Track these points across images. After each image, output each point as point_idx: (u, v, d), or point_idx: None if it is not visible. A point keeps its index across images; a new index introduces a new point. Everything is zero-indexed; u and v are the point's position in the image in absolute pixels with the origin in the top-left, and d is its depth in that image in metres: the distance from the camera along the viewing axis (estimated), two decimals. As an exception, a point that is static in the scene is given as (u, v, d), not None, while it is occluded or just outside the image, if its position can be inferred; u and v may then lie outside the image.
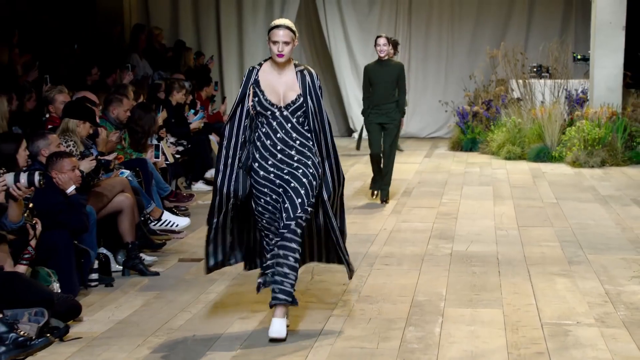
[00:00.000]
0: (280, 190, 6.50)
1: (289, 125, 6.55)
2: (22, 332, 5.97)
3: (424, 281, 8.12)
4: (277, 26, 6.53)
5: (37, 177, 6.71)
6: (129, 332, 6.75)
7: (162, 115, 11.61)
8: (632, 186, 13.24)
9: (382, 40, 11.90)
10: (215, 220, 6.70)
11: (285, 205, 6.45)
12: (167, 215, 9.42)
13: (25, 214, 6.76)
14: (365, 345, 6.39)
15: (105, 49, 15.87)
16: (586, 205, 11.76)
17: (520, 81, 17.00)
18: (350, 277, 7.02)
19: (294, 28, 6.53)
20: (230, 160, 6.58)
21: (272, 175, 6.52)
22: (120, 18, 19.09)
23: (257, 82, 6.57)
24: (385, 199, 12.02)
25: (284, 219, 6.47)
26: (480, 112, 17.45)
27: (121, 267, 8.38)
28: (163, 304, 7.50)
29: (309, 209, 6.52)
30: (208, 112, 15.01)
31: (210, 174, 13.16)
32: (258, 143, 6.57)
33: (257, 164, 6.55)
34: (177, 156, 11.95)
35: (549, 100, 16.23)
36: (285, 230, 6.45)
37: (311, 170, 6.53)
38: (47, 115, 9.96)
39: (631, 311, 7.17)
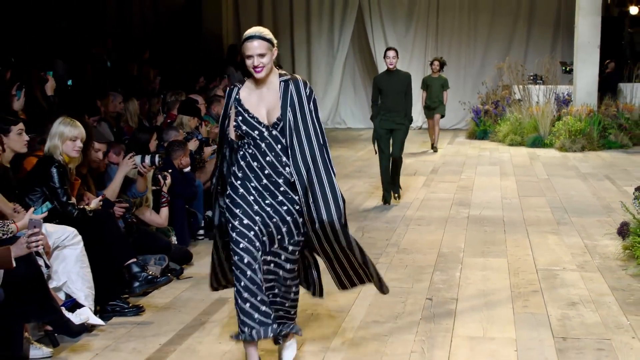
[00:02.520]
0: (257, 218, 4.38)
1: (279, 146, 4.41)
2: (150, 272, 6.04)
3: (447, 237, 8.08)
4: (250, 37, 4.37)
5: (157, 158, 6.78)
6: (228, 273, 6.79)
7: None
8: (605, 166, 13.06)
9: (391, 53, 9.93)
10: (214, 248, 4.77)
11: (264, 239, 4.41)
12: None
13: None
14: (403, 285, 6.39)
15: (208, 63, 15.97)
16: (570, 180, 11.62)
17: (521, 86, 16.81)
18: (385, 292, 4.77)
19: (269, 36, 4.40)
20: (214, 189, 4.66)
21: (251, 197, 4.40)
22: (220, 39, 19.18)
23: (238, 101, 4.46)
24: (397, 196, 10.03)
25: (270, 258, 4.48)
26: (490, 109, 17.31)
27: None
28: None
29: (291, 247, 4.49)
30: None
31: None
32: (242, 163, 4.44)
33: (238, 182, 4.43)
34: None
35: (542, 101, 16.04)
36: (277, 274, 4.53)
37: (297, 208, 4.43)
38: (166, 114, 10.06)
39: (604, 259, 7.09)
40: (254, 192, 4.42)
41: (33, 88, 7.67)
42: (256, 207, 4.41)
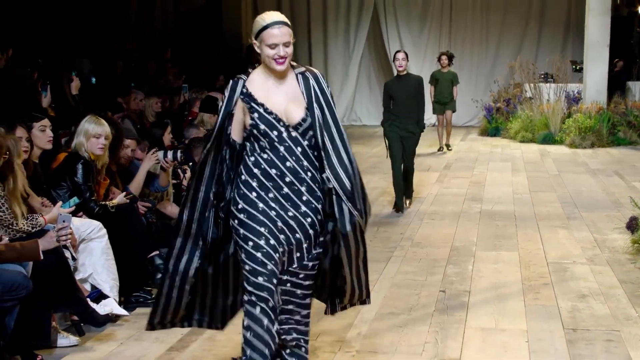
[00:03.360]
0: (282, 237, 3.74)
1: (299, 149, 3.76)
2: (171, 265, 6.07)
3: (460, 231, 8.07)
4: (273, 24, 3.71)
5: (179, 154, 6.81)
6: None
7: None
8: (614, 162, 13.00)
9: (400, 55, 9.04)
10: (171, 267, 3.94)
11: (284, 259, 3.79)
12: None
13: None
14: (417, 278, 6.39)
15: (228, 62, 16.02)
16: (580, 176, 11.57)
17: (532, 84, 16.74)
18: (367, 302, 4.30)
19: (289, 23, 3.79)
20: (202, 195, 3.83)
21: (273, 212, 3.73)
22: (239, 39, 19.21)
23: (248, 96, 3.78)
24: (408, 202, 9.32)
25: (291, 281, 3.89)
26: (502, 107, 17.24)
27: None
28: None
29: (311, 263, 3.88)
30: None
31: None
32: (256, 170, 3.75)
33: (254, 194, 3.73)
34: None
35: (553, 98, 15.97)
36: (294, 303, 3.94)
37: (320, 218, 3.82)
38: (187, 112, 10.10)
39: (613, 253, 7.07)
40: (274, 204, 3.75)
41: (62, 86, 7.73)
42: (280, 224, 3.74)
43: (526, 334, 5.05)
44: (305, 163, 3.79)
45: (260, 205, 3.75)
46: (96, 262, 5.42)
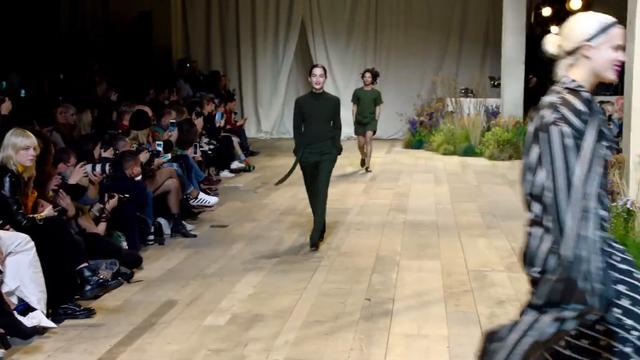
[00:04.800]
0: None
1: None
2: (101, 276, 5.98)
3: (385, 241, 8.13)
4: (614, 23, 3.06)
5: (107, 167, 6.71)
6: (176, 276, 6.75)
7: (198, 123, 11.52)
8: (532, 173, 13.25)
9: (318, 71, 7.80)
10: None
11: None
12: (202, 195, 9.41)
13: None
14: (343, 286, 6.41)
15: (159, 76, 15.86)
16: (499, 187, 11.78)
17: (453, 99, 17.01)
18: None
19: None
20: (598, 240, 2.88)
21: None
22: (169, 53, 19.05)
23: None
24: (314, 245, 7.66)
25: None
26: (425, 121, 17.44)
27: (170, 231, 8.37)
28: (199, 256, 7.50)
29: None
30: (231, 121, 14.93)
31: (235, 165, 13.13)
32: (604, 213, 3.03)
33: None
34: (209, 152, 11.90)
35: (473, 113, 16.24)
36: None
37: None
38: (119, 124, 9.95)
39: (530, 262, 7.20)
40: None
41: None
42: None
43: (447, 340, 5.11)
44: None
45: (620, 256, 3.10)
46: (23, 275, 5.28)
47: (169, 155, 8.97)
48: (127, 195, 7.13)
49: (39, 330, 5.13)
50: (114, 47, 16.92)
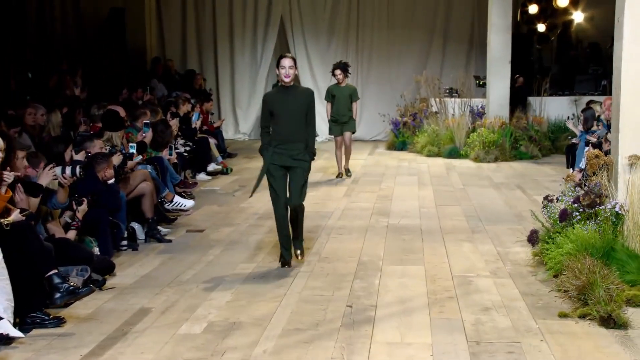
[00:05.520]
0: None
1: None
2: (72, 283, 5.94)
3: (367, 246, 8.12)
4: None
5: (78, 169, 6.67)
6: (150, 283, 6.72)
7: (173, 123, 11.48)
8: (517, 176, 13.33)
9: (287, 62, 6.99)
10: None
11: None
12: (177, 198, 9.38)
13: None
14: (324, 293, 6.40)
15: (132, 75, 15.79)
16: (484, 189, 11.82)
17: (437, 99, 17.07)
18: None
19: None
20: None
21: None
22: (143, 52, 18.97)
23: None
24: (300, 253, 7.37)
25: None
26: (408, 121, 17.49)
27: (144, 236, 8.33)
28: (174, 263, 7.46)
29: None
30: (207, 122, 14.90)
31: (212, 167, 13.10)
32: None
33: None
34: (185, 154, 11.86)
35: (457, 113, 16.30)
36: None
37: None
38: (91, 125, 9.90)
39: (514, 266, 7.23)
40: None
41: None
42: None
43: (431, 348, 5.11)
44: None
45: None
46: (-11, 283, 5.22)
47: (140, 157, 8.92)
48: (95, 196, 7.08)
49: (6, 340, 5.08)
50: (85, 44, 16.81)
